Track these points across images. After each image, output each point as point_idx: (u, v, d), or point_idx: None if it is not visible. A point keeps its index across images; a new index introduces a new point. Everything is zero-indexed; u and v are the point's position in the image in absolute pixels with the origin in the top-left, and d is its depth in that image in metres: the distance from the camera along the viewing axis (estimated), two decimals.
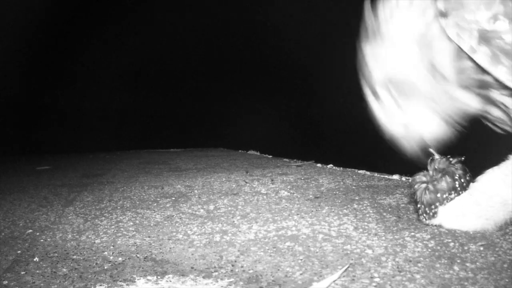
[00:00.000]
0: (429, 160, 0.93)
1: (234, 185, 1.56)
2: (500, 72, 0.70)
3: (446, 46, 0.77)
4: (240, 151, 3.10)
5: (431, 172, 0.92)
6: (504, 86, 0.74)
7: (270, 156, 2.63)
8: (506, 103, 0.80)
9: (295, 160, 2.31)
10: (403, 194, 1.29)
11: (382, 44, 0.84)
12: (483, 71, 0.74)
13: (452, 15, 0.73)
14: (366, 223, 0.99)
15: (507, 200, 0.85)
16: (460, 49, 0.74)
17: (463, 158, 0.91)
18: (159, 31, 4.01)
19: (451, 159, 0.92)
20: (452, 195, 0.90)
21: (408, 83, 0.84)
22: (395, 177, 1.59)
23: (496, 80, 0.73)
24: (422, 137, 0.89)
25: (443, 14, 0.75)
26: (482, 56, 0.71)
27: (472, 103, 0.82)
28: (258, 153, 2.84)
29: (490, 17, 0.69)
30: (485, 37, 0.70)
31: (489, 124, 0.97)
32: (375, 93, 0.89)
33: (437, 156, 0.93)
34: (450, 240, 0.84)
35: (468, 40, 0.71)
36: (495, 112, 0.86)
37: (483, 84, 0.78)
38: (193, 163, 2.37)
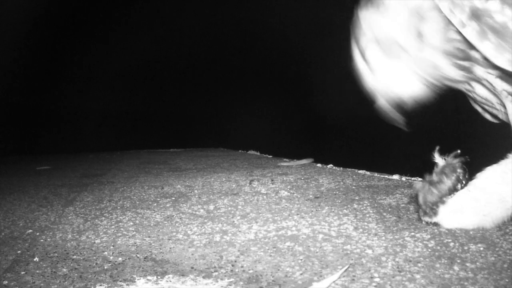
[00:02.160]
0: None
1: (234, 185, 1.56)
2: (486, 47, 0.72)
3: (436, 16, 0.79)
4: (240, 151, 3.10)
5: (433, 174, 0.93)
6: (490, 64, 0.75)
7: (270, 156, 2.63)
8: (492, 82, 0.82)
9: (294, 160, 2.31)
10: (403, 194, 1.29)
11: (376, 10, 0.88)
12: (470, 45, 0.75)
13: None
14: (366, 223, 0.99)
15: (505, 197, 0.85)
16: (449, 22, 0.76)
17: (459, 153, 0.92)
18: (159, 32, 4.01)
19: (450, 158, 0.92)
20: (453, 193, 0.90)
21: (394, 45, 0.87)
22: (395, 177, 1.59)
23: (482, 55, 0.75)
24: (399, 95, 0.92)
25: None
26: (471, 30, 0.72)
27: (452, 73, 0.84)
28: (258, 153, 2.84)
29: None
30: (476, 14, 0.72)
31: (477, 107, 0.98)
32: (362, 53, 0.92)
33: (437, 158, 0.93)
34: (450, 240, 0.84)
35: (459, 15, 0.73)
36: (480, 90, 0.88)
37: (467, 56, 0.80)
38: (193, 163, 2.37)
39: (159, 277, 0.73)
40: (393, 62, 0.89)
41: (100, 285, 0.70)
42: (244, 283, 0.69)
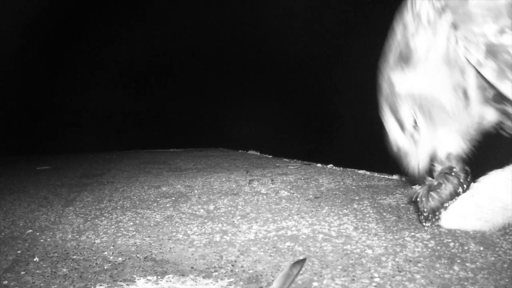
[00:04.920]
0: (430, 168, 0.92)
1: (234, 185, 1.56)
2: (507, 87, 0.69)
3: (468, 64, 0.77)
4: (240, 151, 3.10)
5: (433, 178, 0.91)
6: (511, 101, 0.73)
7: (270, 156, 2.63)
8: None
9: (294, 160, 2.31)
10: (403, 194, 1.29)
11: (412, 72, 0.83)
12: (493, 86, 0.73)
13: (460, 28, 0.72)
14: (366, 223, 0.99)
15: (507, 204, 0.84)
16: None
17: (461, 159, 0.91)
18: (160, 32, 4.01)
19: (451, 161, 0.91)
20: (455, 200, 0.89)
21: (436, 106, 0.83)
22: (395, 177, 1.59)
23: (502, 95, 0.73)
24: (436, 157, 0.89)
25: (454, 27, 0.74)
26: (489, 70, 0.69)
27: (488, 117, 0.82)
28: (258, 153, 2.84)
29: (497, 30, 0.68)
30: (492, 51, 0.69)
31: (502, 132, 0.96)
32: (400, 121, 0.89)
33: (437, 165, 0.92)
34: (450, 240, 0.84)
35: (475, 53, 0.70)
36: (509, 123, 0.86)
37: (499, 98, 0.77)
38: (193, 163, 2.37)
39: (159, 277, 0.73)
40: (437, 128, 0.85)
41: (100, 285, 0.70)
42: (244, 283, 0.69)
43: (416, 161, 0.91)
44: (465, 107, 0.81)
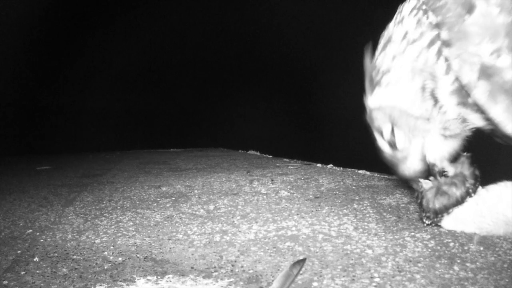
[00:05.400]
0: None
1: (234, 185, 1.56)
2: (497, 112, 0.67)
3: (443, 71, 0.77)
4: (240, 151, 3.10)
5: (440, 178, 0.91)
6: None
7: (270, 156, 2.63)
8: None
9: (295, 160, 2.31)
10: (403, 194, 1.29)
11: (384, 91, 0.85)
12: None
13: (455, 46, 0.70)
14: (366, 223, 0.99)
15: (511, 220, 0.83)
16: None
17: (470, 157, 0.90)
18: (159, 32, 4.01)
19: (461, 164, 0.90)
20: (460, 206, 0.88)
21: (412, 120, 0.84)
22: (395, 177, 1.58)
23: (491, 119, 0.71)
24: (428, 163, 0.89)
25: (446, 44, 0.72)
26: (481, 92, 0.68)
27: (472, 120, 0.81)
28: (258, 153, 2.84)
29: (494, 51, 0.66)
30: (486, 73, 0.67)
31: (496, 139, 0.95)
32: (382, 134, 0.91)
33: (448, 166, 0.91)
34: (450, 240, 0.84)
35: (469, 73, 0.69)
36: (500, 132, 0.85)
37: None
38: (193, 163, 2.37)
39: (159, 277, 0.73)
40: (417, 139, 0.86)
41: (100, 285, 0.70)
42: (244, 283, 0.69)
43: (406, 167, 0.91)
44: (435, 107, 0.82)
